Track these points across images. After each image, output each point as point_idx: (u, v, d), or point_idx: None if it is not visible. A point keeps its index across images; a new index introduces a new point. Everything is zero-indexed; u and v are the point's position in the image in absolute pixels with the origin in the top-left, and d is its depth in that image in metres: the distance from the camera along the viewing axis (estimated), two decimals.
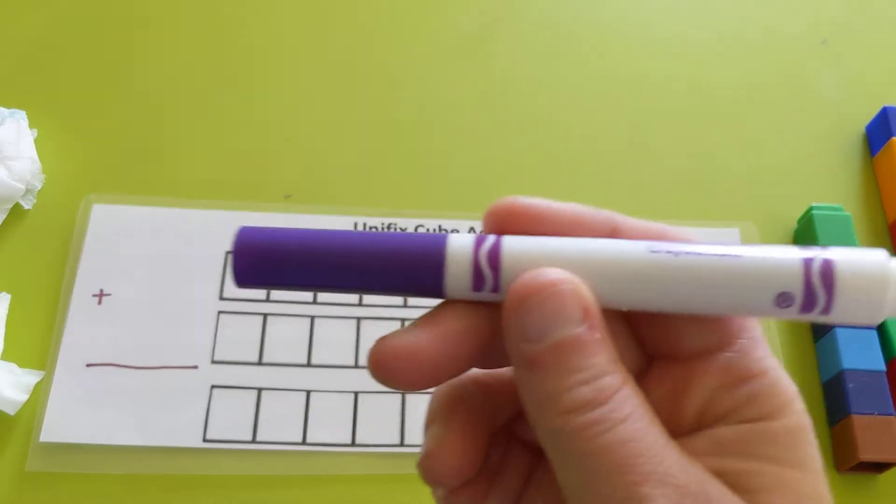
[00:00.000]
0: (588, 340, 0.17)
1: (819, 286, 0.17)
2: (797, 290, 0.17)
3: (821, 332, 0.42)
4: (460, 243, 0.18)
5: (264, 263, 0.19)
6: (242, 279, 0.19)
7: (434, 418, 0.20)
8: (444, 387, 0.21)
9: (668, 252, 0.17)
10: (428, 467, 0.19)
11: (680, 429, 0.19)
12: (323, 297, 0.42)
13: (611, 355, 0.17)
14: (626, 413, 0.16)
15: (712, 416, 0.18)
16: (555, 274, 0.17)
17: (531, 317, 0.17)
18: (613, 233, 0.19)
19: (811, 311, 0.17)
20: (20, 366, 0.39)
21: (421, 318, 0.19)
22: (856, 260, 0.17)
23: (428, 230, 0.44)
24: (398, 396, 0.40)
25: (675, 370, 0.19)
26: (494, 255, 0.18)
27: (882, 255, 0.17)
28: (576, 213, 0.19)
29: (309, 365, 0.40)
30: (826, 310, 0.17)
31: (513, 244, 0.18)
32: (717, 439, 0.18)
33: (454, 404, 0.20)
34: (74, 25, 0.51)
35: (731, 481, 0.17)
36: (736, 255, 0.17)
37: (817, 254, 0.17)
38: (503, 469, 0.21)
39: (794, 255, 0.17)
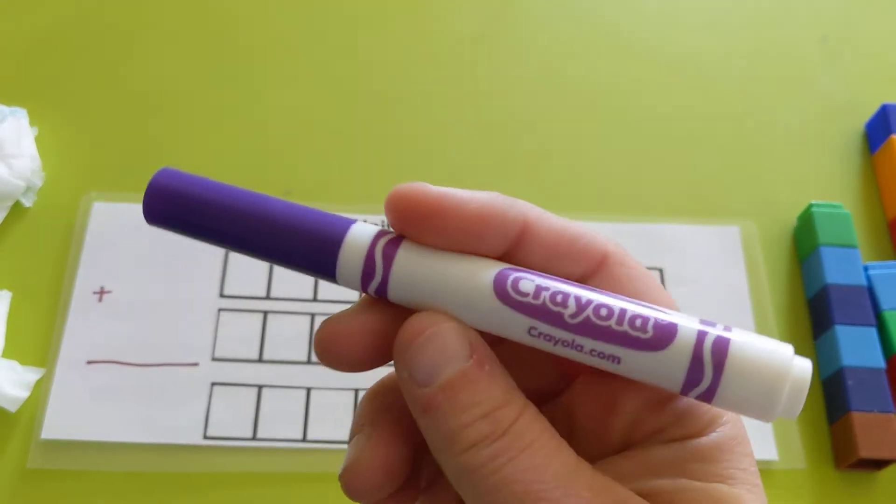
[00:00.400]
0: (477, 375, 0.17)
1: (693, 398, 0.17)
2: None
3: (820, 330, 0.42)
4: (350, 265, 0.18)
5: (173, 207, 0.18)
6: (150, 217, 0.19)
7: (358, 429, 0.19)
8: (370, 394, 0.20)
9: (547, 339, 0.17)
10: (347, 482, 0.19)
11: (609, 447, 0.18)
12: (324, 294, 0.42)
13: (505, 386, 0.17)
14: (528, 441, 0.16)
15: (640, 435, 0.18)
16: (434, 316, 0.17)
17: (417, 361, 0.17)
18: (523, 233, 0.18)
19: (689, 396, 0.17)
20: (21, 363, 0.39)
21: (361, 299, 0.19)
22: (742, 395, 0.17)
23: None
24: None
25: (600, 386, 0.19)
26: (381, 291, 0.18)
27: (778, 373, 0.17)
28: (482, 209, 0.18)
29: (309, 362, 0.40)
30: (707, 401, 0.17)
31: (399, 288, 0.18)
32: (647, 460, 0.18)
33: (379, 414, 0.19)
34: (74, 24, 0.51)
35: (662, 502, 0.17)
36: (615, 360, 0.17)
37: (706, 358, 0.17)
38: (440, 485, 0.20)
39: (677, 376, 0.17)
